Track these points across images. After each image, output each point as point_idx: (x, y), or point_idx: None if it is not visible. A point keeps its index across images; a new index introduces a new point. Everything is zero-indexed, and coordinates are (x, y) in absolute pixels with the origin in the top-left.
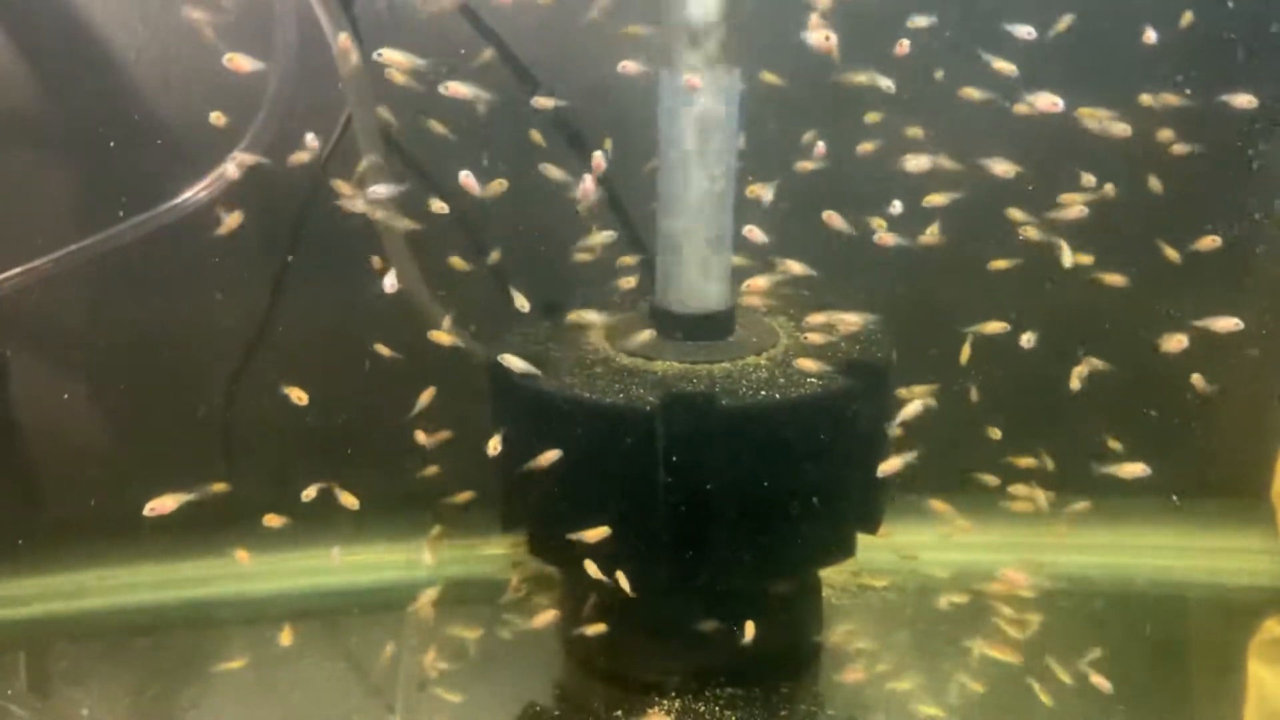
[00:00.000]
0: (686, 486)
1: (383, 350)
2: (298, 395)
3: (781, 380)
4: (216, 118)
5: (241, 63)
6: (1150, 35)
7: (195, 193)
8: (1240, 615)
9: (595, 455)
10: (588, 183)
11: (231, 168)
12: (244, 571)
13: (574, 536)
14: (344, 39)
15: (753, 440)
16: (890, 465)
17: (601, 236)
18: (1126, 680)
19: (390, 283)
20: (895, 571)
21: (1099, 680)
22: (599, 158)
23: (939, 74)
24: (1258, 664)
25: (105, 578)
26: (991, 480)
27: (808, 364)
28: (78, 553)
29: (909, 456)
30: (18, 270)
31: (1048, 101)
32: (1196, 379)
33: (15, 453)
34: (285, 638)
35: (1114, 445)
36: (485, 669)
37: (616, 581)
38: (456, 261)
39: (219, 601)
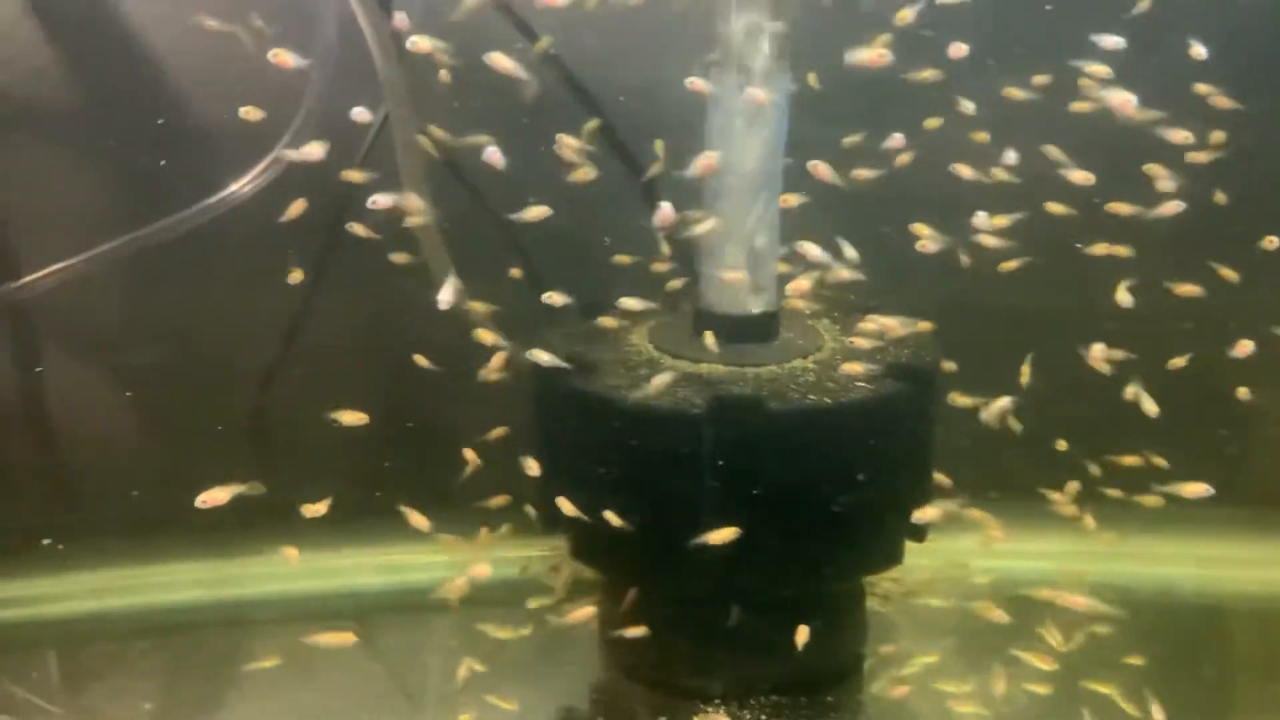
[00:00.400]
0: (733, 491)
1: (421, 361)
2: (354, 418)
3: (830, 384)
4: (247, 112)
5: (286, 59)
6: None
7: (240, 186)
8: None
9: (641, 458)
10: (666, 210)
11: (314, 148)
12: (282, 571)
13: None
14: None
15: (801, 445)
16: (927, 514)
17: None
18: (1179, 692)
19: (446, 298)
20: (939, 579)
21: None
22: (667, 211)
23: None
24: None
25: (140, 575)
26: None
27: (855, 368)
28: (112, 550)
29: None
30: (55, 267)
31: (1122, 99)
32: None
33: (50, 450)
34: (322, 638)
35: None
36: (524, 672)
37: (657, 583)
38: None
39: (256, 601)
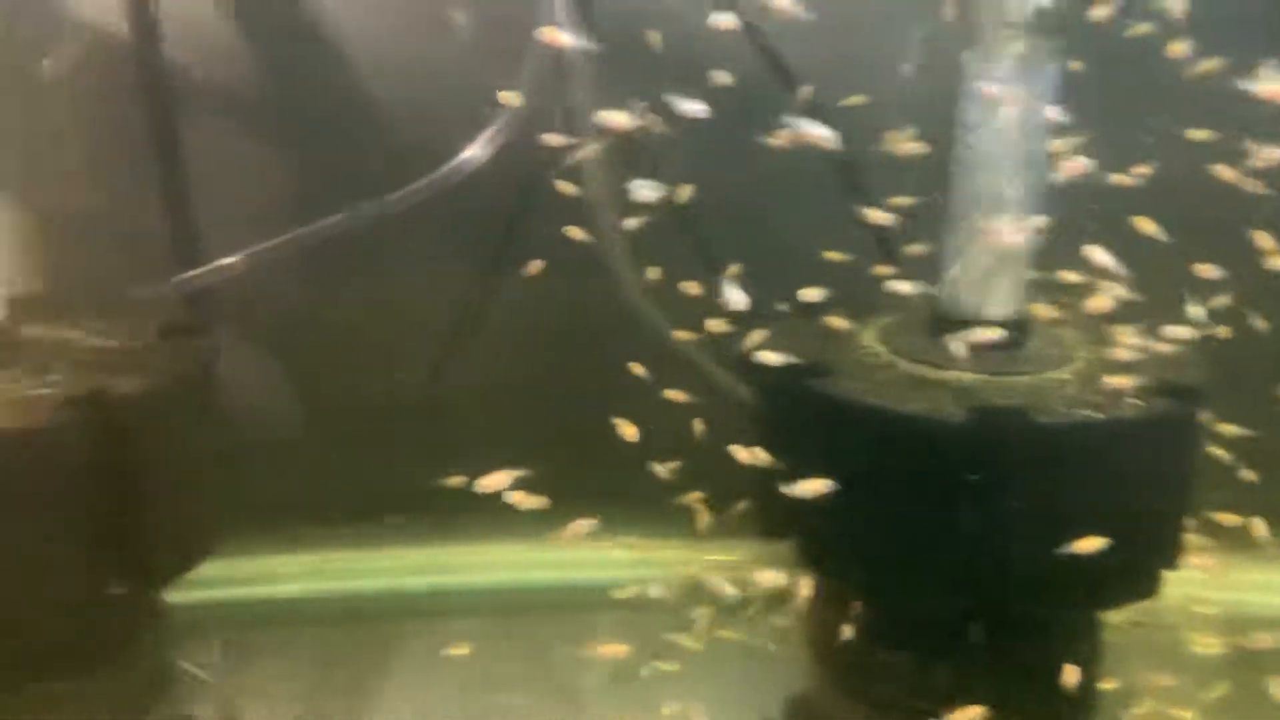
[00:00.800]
0: (989, 507)
1: (636, 370)
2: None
3: (1093, 397)
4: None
5: (558, 36)
6: None
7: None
8: None
9: (886, 467)
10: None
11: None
12: (439, 563)
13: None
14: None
15: (1069, 462)
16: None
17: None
18: None
19: (737, 298)
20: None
21: None
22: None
23: None
24: None
25: (304, 563)
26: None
27: (1122, 382)
28: (278, 537)
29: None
30: (240, 255)
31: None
32: None
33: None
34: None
35: None
36: (725, 676)
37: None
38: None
39: (413, 592)
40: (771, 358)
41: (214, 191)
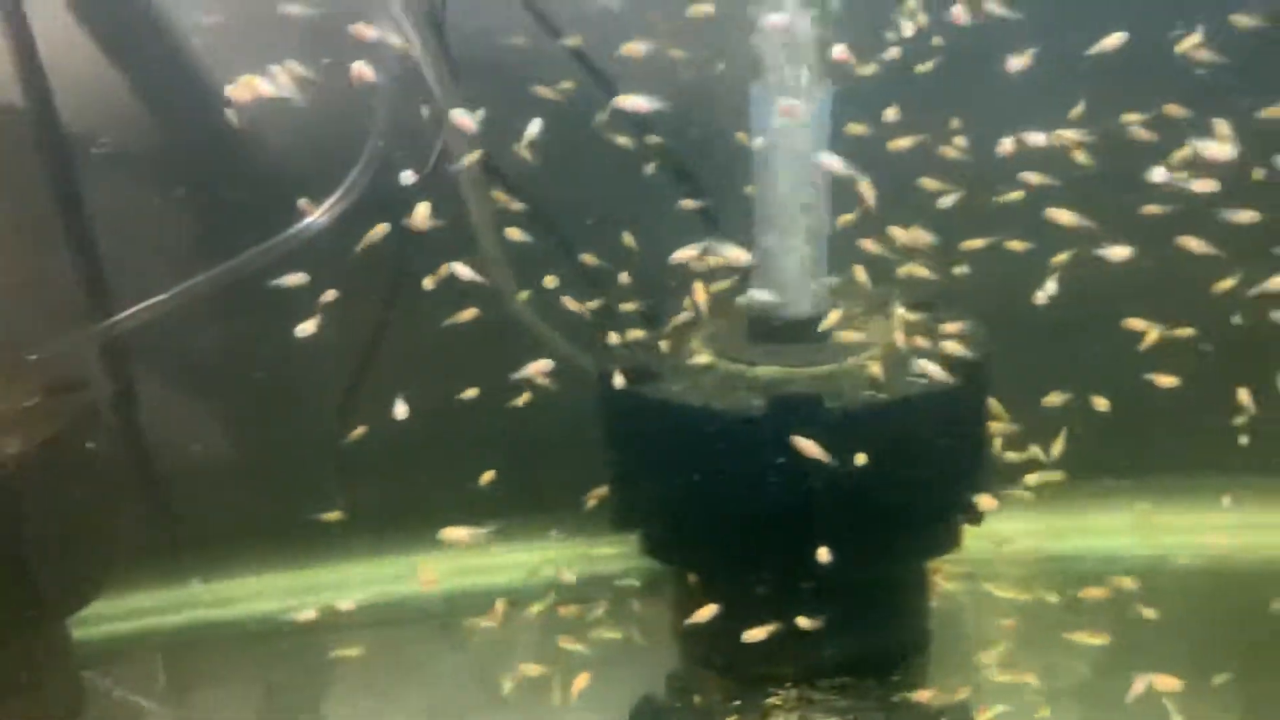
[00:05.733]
0: (795, 485)
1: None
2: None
3: (883, 380)
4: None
5: (364, 71)
6: None
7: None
8: None
9: (706, 459)
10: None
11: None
12: (358, 579)
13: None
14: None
15: (859, 440)
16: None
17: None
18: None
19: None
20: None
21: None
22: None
23: None
24: None
25: (231, 587)
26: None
27: (920, 364)
28: (206, 563)
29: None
30: (145, 304)
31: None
32: None
33: (151, 473)
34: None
35: None
36: (599, 664)
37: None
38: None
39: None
40: (612, 372)
41: (110, 245)
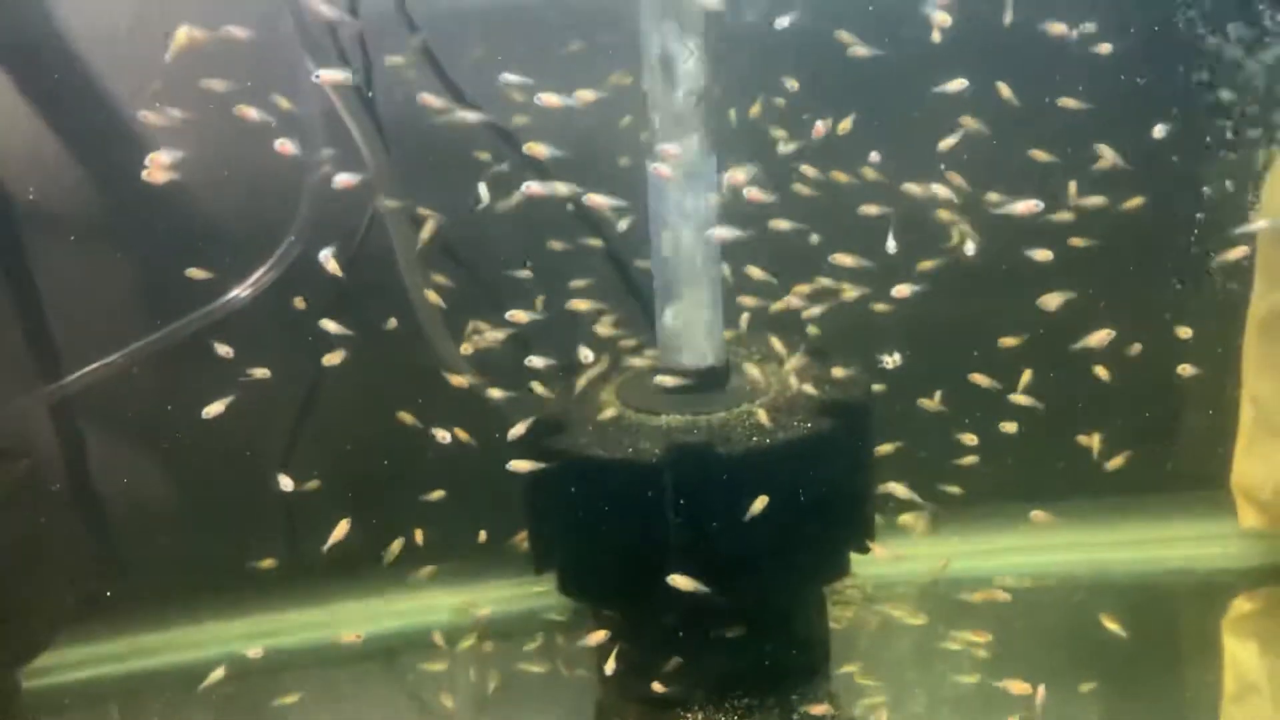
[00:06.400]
0: (692, 525)
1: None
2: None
3: (772, 425)
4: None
5: (288, 147)
6: None
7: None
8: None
9: (608, 505)
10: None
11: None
12: (304, 622)
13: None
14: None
15: (749, 481)
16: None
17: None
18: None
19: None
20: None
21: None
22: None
23: None
24: (1230, 639)
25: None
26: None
27: (798, 407)
28: (154, 612)
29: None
30: (92, 366)
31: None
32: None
33: (101, 525)
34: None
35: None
36: (520, 698)
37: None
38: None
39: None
40: (516, 429)
41: (53, 308)
